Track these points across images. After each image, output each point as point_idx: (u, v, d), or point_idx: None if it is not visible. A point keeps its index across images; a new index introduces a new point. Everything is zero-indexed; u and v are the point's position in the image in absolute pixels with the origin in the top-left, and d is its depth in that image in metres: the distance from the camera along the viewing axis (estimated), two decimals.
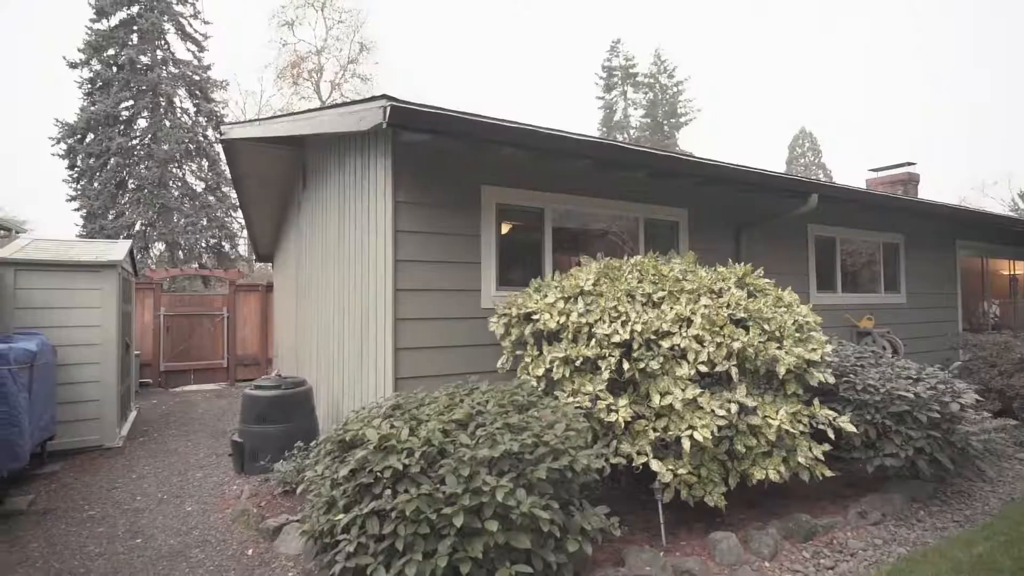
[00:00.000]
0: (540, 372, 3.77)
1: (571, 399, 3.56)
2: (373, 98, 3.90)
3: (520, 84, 67.23)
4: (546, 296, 4.00)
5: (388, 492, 2.76)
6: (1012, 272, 11.55)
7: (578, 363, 3.65)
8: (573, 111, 67.85)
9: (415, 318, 4.44)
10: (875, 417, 4.20)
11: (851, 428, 3.84)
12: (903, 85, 75.48)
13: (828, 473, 3.75)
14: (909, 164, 12.54)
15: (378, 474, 2.83)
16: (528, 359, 3.93)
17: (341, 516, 2.80)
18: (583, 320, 3.73)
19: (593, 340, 3.64)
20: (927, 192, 13.22)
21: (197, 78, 21.46)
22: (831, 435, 3.83)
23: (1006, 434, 5.79)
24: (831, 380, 3.94)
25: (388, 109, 3.53)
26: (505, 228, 5.16)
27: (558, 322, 3.80)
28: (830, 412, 3.80)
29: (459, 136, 4.06)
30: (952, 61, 72.92)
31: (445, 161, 4.64)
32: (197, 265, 20.62)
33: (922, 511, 4.29)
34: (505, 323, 4.16)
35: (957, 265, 9.37)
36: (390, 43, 57.02)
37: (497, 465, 2.87)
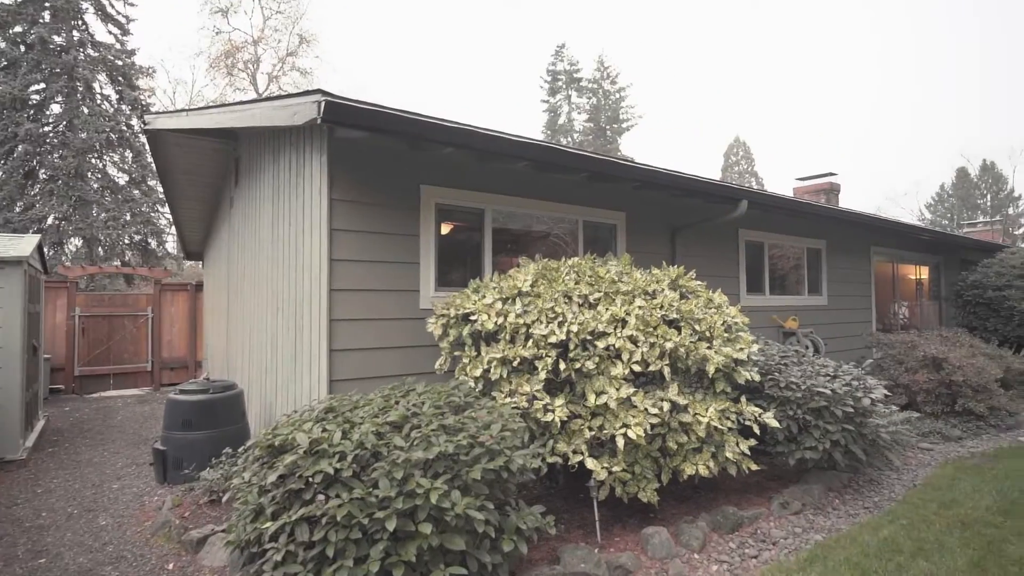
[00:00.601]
0: (478, 373, 3.77)
1: (508, 399, 3.57)
2: (307, 92, 3.78)
3: (466, 85, 67.11)
4: (484, 297, 4.00)
5: (321, 497, 2.68)
6: (918, 277, 12.49)
7: (515, 363, 3.67)
8: (518, 113, 68.35)
9: (351, 319, 4.34)
10: (797, 413, 4.44)
11: (775, 424, 4.03)
12: (829, 98, 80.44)
13: (754, 467, 3.93)
14: (831, 174, 13.36)
15: (308, 479, 2.74)
16: (466, 360, 3.91)
17: (269, 524, 2.69)
18: (521, 321, 3.75)
19: (530, 341, 3.67)
20: (847, 201, 14.13)
21: (120, 63, 20.09)
22: (756, 431, 4.01)
23: (911, 426, 6.24)
24: (757, 378, 4.13)
25: (323, 104, 3.43)
26: (445, 228, 5.13)
27: (496, 323, 3.80)
28: (756, 409, 3.97)
29: (398, 134, 3.99)
30: (871, 79, 78.29)
31: (384, 159, 4.56)
32: (119, 263, 19.34)
33: (837, 500, 4.56)
34: (443, 324, 4.13)
35: (872, 270, 10.05)
36: (333, 38, 55.61)
37: (432, 467, 2.84)
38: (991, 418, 7.03)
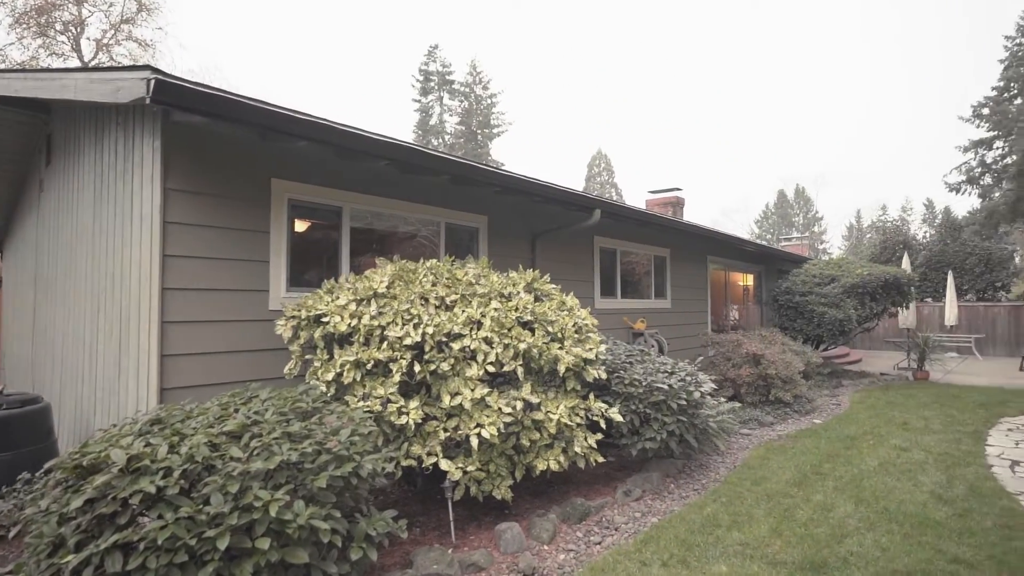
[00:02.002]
0: (330, 377, 3.62)
1: (362, 403, 3.47)
2: (135, 67, 3.38)
3: (336, 77, 64.27)
4: (338, 298, 3.86)
5: (144, 520, 2.40)
6: (745, 283, 14.23)
7: (369, 366, 3.58)
8: (390, 111, 66.92)
9: (188, 320, 3.95)
10: (639, 407, 4.83)
11: (619, 418, 4.35)
12: (678, 119, 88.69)
13: (600, 459, 4.21)
14: (677, 189, 14.75)
15: (126, 500, 2.44)
16: (317, 363, 3.74)
17: (70, 557, 2.35)
18: (376, 323, 3.67)
19: (385, 343, 3.61)
20: (690, 213, 15.68)
21: None
22: (603, 425, 4.31)
23: (734, 415, 7.08)
24: (604, 376, 4.44)
25: (152, 82, 3.08)
26: (300, 226, 4.87)
27: (349, 325, 3.68)
28: (603, 405, 4.26)
29: (244, 123, 3.71)
30: (712, 103, 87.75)
31: (230, 149, 4.21)
32: None
33: (673, 484, 5.03)
34: (293, 326, 3.91)
35: (708, 276, 11.26)
36: (182, 10, 50.22)
37: (273, 477, 2.67)
38: (795, 405, 8.20)
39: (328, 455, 2.81)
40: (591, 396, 4.26)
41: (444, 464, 3.52)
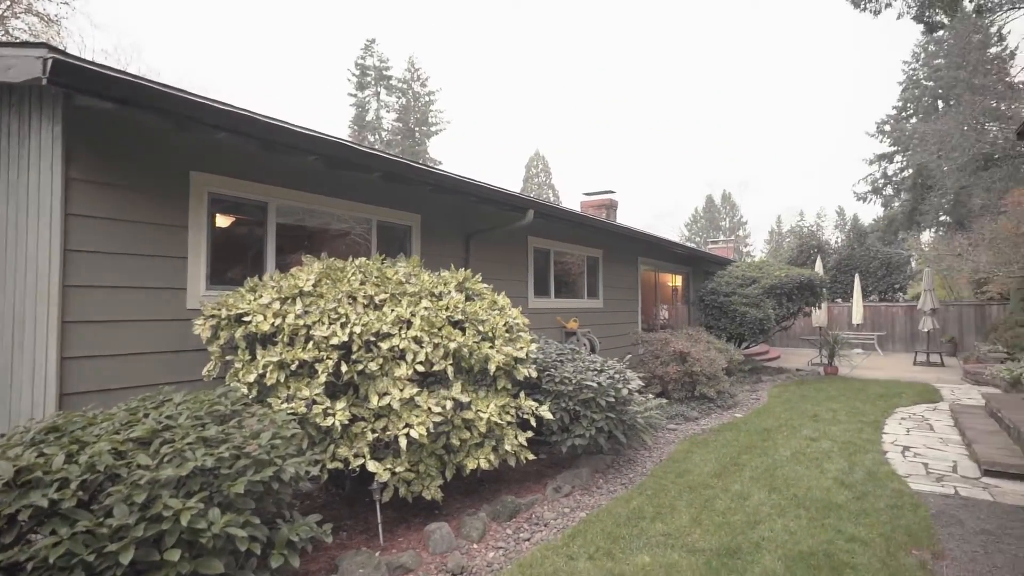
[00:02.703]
0: (252, 378, 3.48)
1: (285, 405, 3.36)
2: (29, 44, 3.13)
3: (269, 68, 61.66)
4: (261, 297, 3.71)
5: (36, 537, 2.22)
6: (674, 284, 14.80)
7: (294, 367, 3.47)
8: (325, 106, 64.97)
9: (94, 320, 3.68)
10: (569, 404, 4.93)
11: (549, 416, 4.42)
12: (614, 124, 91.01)
13: (531, 457, 4.26)
14: (611, 192, 15.15)
15: (12, 517, 2.25)
16: (239, 365, 3.59)
17: None
18: (301, 322, 3.56)
19: (311, 343, 3.50)
20: (625, 215, 16.13)
21: None
22: (534, 423, 4.37)
23: (662, 410, 7.36)
24: (535, 375, 4.50)
25: (49, 62, 2.85)
26: (223, 221, 4.65)
27: (273, 324, 3.56)
28: (533, 403, 4.32)
29: (158, 111, 3.50)
30: (646, 108, 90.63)
31: (144, 138, 3.96)
32: None
33: (601, 479, 5.17)
34: (213, 326, 3.73)
35: (639, 277, 11.62)
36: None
37: (186, 485, 2.54)
38: (718, 400, 8.62)
39: (247, 459, 2.70)
40: (522, 394, 4.30)
41: (372, 465, 3.47)
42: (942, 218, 26.58)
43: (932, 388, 10.62)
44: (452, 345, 3.77)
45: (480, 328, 4.10)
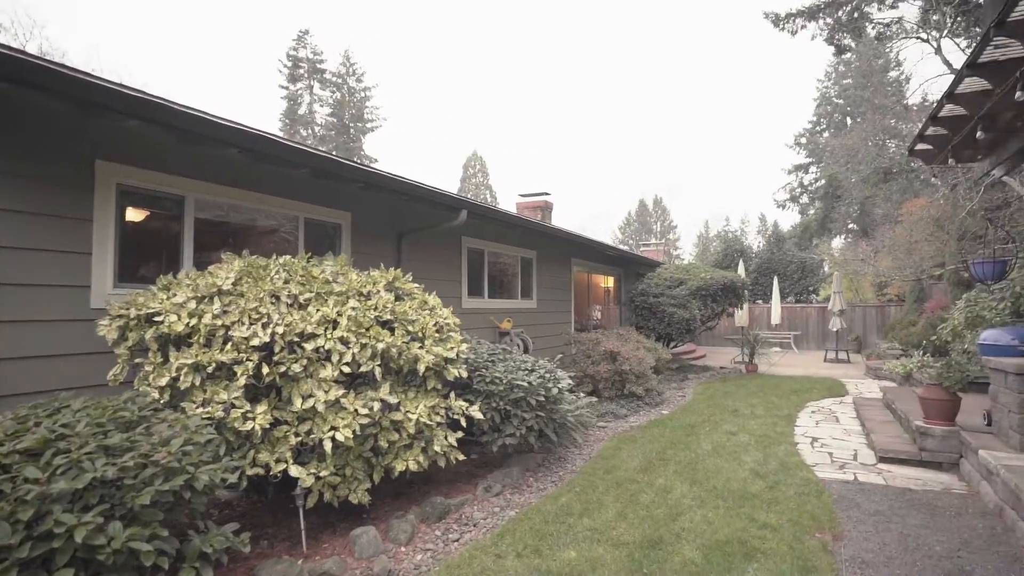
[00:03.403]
0: (164, 382, 3.28)
1: (201, 409, 3.19)
2: None
3: (195, 58, 58.38)
4: (175, 295, 3.51)
5: None
6: (607, 285, 15.19)
7: (211, 369, 3.30)
8: (254, 98, 62.26)
9: None
10: (500, 404, 4.95)
11: (480, 415, 4.43)
12: (553, 126, 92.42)
13: (461, 457, 4.25)
14: (546, 194, 15.35)
15: None
16: (149, 368, 3.37)
17: None
18: (219, 322, 3.39)
19: (230, 344, 3.35)
20: (561, 217, 16.38)
21: None
22: (464, 423, 4.36)
23: (592, 409, 7.52)
24: (465, 375, 4.49)
25: None
26: (135, 215, 4.36)
27: (188, 324, 3.37)
28: (463, 403, 4.30)
29: (55, 94, 3.23)
30: (584, 112, 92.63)
31: (41, 123, 3.66)
32: None
33: (532, 478, 5.22)
34: (120, 326, 3.49)
35: (572, 278, 11.85)
36: None
37: (84, 498, 2.36)
38: (647, 398, 8.91)
39: (155, 468, 2.54)
40: (452, 395, 4.29)
41: (295, 470, 3.35)
42: (850, 226, 28.69)
43: (839, 383, 11.45)
44: (380, 346, 3.70)
45: (410, 328, 4.05)
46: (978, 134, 4.74)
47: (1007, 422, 4.92)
